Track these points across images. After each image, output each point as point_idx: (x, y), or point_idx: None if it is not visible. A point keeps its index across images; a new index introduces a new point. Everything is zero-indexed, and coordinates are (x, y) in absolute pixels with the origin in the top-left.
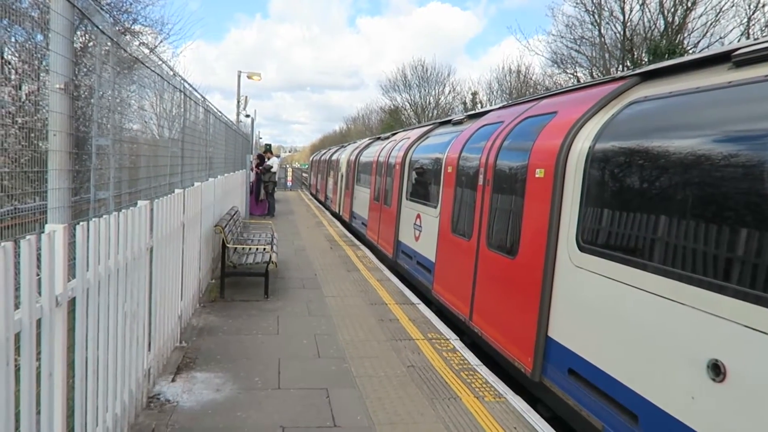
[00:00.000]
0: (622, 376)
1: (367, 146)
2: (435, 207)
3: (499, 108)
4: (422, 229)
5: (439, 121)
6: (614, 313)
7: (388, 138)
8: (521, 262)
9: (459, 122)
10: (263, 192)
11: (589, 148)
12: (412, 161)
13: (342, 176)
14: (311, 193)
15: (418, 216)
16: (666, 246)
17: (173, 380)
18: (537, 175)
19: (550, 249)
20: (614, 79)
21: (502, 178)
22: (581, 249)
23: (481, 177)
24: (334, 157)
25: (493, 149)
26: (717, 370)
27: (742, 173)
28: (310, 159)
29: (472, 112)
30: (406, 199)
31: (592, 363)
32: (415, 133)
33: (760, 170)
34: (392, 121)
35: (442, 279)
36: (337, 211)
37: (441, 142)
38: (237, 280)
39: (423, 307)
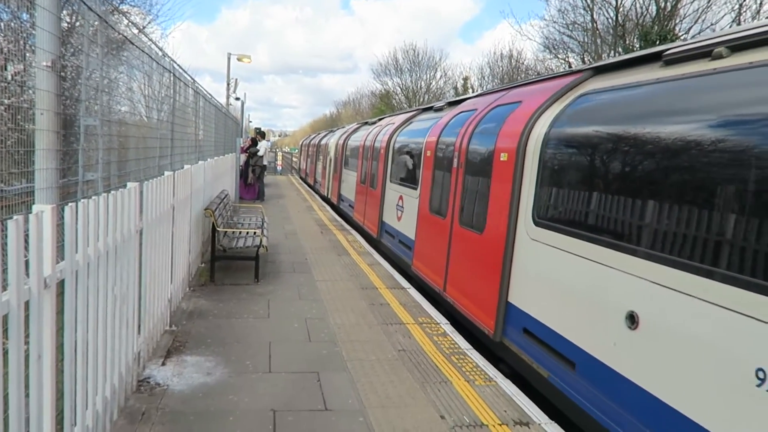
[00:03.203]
0: (564, 331)
1: (354, 131)
2: (415, 189)
3: (475, 96)
4: (404, 209)
5: (422, 107)
6: (557, 277)
7: (374, 123)
8: (487, 236)
9: (439, 109)
10: (251, 176)
11: (545, 134)
12: (396, 146)
13: (330, 160)
14: (301, 177)
15: (401, 197)
16: (597, 218)
17: (163, 364)
18: (502, 159)
19: (511, 224)
20: (572, 72)
21: (473, 161)
22: (536, 224)
23: (455, 160)
24: (323, 142)
25: (466, 135)
26: (632, 320)
27: (663, 156)
28: (300, 143)
29: (452, 99)
30: (390, 181)
31: (541, 321)
32: (399, 119)
33: (677, 153)
34: (383, 106)
35: (420, 255)
36: (325, 194)
37: (422, 128)
38: (227, 263)
39: (413, 292)
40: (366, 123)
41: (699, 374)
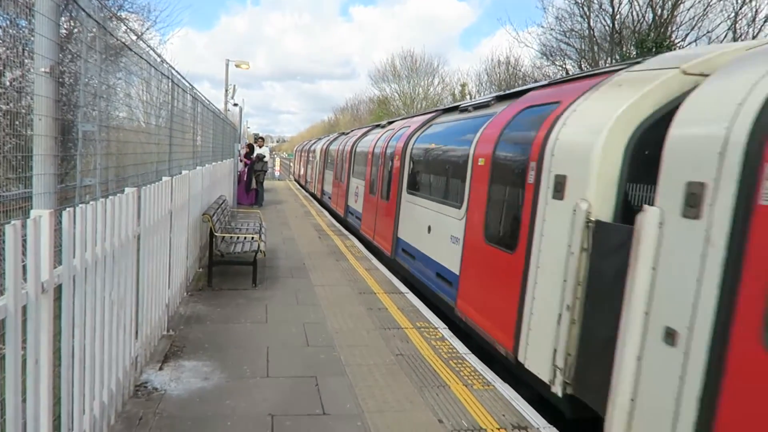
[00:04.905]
0: (412, 242)
1: (334, 140)
2: (363, 180)
3: (400, 119)
4: (358, 195)
5: (375, 123)
6: (411, 216)
7: (348, 134)
8: (390, 202)
9: (383, 126)
10: (254, 181)
11: (412, 146)
12: (356, 150)
13: (316, 163)
14: (295, 179)
15: (357, 187)
16: (421, 185)
17: (161, 368)
18: (396, 158)
19: (399, 194)
20: (435, 110)
21: (387, 160)
22: (407, 192)
23: (381, 159)
24: (311, 148)
25: (386, 144)
26: (429, 229)
27: (439, 159)
28: (294, 149)
29: (392, 119)
30: (352, 177)
31: (407, 241)
32: (361, 131)
33: (458, 157)
34: (381, 112)
35: (364, 221)
36: (314, 191)
37: (370, 138)
38: (225, 268)
39: (411, 296)
40: (343, 134)
41: (442, 243)
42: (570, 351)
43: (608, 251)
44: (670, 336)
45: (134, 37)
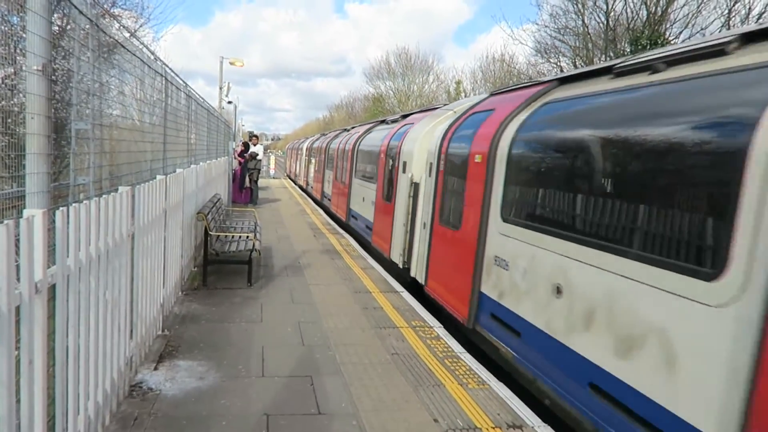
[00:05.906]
0: (358, 210)
1: (317, 139)
2: (332, 170)
3: (358, 126)
4: (330, 183)
5: (343, 128)
6: (359, 194)
7: (326, 134)
8: (345, 185)
9: (348, 130)
10: (248, 180)
11: (359, 145)
12: (329, 148)
13: (303, 160)
14: (287, 175)
15: (330, 176)
16: (359, 172)
17: (156, 368)
18: (347, 153)
19: (351, 179)
20: (376, 121)
21: (345, 155)
22: (354, 176)
23: (342, 154)
24: (299, 146)
25: (345, 144)
26: (364, 199)
27: (374, 154)
28: (286, 147)
29: (350, 126)
30: (326, 169)
31: (356, 210)
32: (334, 134)
33: (376, 153)
34: (376, 110)
35: (333, 202)
36: (302, 184)
37: (339, 139)
38: (220, 267)
39: (407, 295)
40: (323, 134)
41: (367, 206)
42: (405, 246)
43: (416, 195)
44: (425, 225)
45: (127, 35)
